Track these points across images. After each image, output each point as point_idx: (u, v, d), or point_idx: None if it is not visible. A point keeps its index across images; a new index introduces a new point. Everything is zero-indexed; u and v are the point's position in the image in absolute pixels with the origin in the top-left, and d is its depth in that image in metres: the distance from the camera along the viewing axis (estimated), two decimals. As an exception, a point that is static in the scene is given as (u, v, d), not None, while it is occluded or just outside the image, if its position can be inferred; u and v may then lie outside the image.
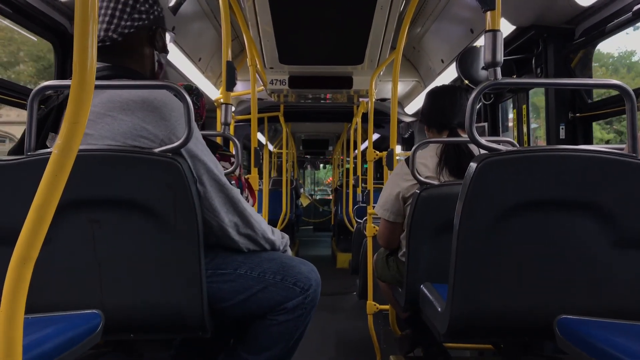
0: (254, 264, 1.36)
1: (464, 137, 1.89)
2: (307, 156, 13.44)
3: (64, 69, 2.34)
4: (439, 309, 1.35)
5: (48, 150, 1.20)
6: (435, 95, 2.04)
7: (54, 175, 0.71)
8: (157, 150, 1.17)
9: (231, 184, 1.33)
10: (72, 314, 1.07)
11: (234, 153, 1.83)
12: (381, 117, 5.21)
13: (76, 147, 0.72)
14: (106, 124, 1.20)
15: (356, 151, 6.02)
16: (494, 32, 1.20)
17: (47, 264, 1.09)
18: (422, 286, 1.60)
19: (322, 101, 4.57)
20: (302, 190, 12.25)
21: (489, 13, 1.21)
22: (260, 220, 1.39)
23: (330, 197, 12.65)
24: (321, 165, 15.57)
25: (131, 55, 1.37)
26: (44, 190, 0.71)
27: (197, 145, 1.26)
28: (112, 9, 1.32)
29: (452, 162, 1.86)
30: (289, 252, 1.47)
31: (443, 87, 2.09)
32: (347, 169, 7.04)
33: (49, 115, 1.28)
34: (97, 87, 1.13)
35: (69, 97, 0.71)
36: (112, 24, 1.32)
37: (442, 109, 1.98)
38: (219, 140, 2.71)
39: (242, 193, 1.35)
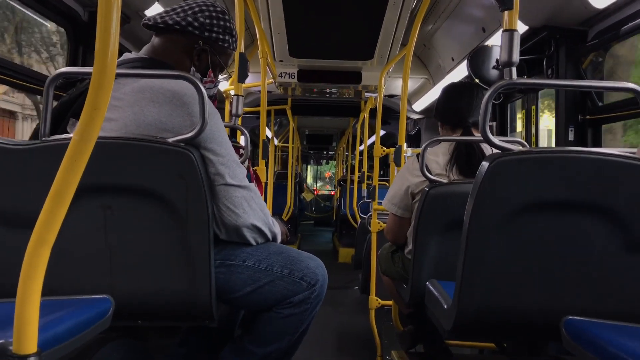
0: (262, 256, 1.36)
1: (477, 136, 1.88)
2: (311, 151, 13.43)
3: (76, 55, 2.35)
4: (445, 306, 1.35)
5: (62, 136, 1.21)
6: (453, 92, 2.01)
7: (73, 160, 0.72)
8: (170, 140, 1.17)
9: None
10: (83, 298, 1.08)
11: (242, 144, 1.83)
12: (388, 114, 5.20)
13: (96, 133, 0.73)
14: (133, 112, 1.21)
15: (362, 147, 6.01)
16: (511, 31, 1.19)
17: (59, 247, 1.10)
18: (427, 283, 1.60)
19: (332, 95, 4.56)
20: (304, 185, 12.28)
21: (506, 12, 1.21)
22: (268, 214, 1.40)
23: (333, 192, 12.66)
24: (324, 161, 15.56)
25: (169, 54, 1.39)
26: (63, 174, 0.71)
27: (222, 144, 1.27)
28: (180, 6, 1.40)
29: (463, 160, 1.85)
30: (279, 239, 1.48)
31: (461, 85, 2.07)
32: (352, 165, 7.05)
33: (75, 100, 1.28)
34: (117, 75, 1.14)
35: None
36: (169, 13, 1.38)
37: (458, 107, 1.95)
38: (227, 131, 2.71)
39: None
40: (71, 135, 0.85)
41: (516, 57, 1.19)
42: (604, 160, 1.14)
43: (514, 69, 1.19)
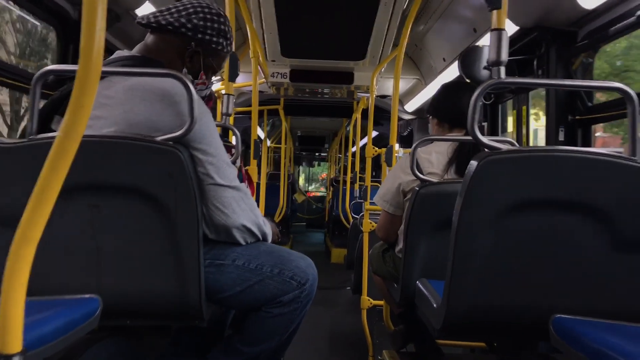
0: (252, 256, 1.36)
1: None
2: (303, 153, 13.43)
3: (65, 53, 2.33)
4: (435, 305, 1.36)
5: (49, 134, 1.20)
6: (454, 91, 2.00)
7: (58, 158, 0.71)
8: (159, 138, 1.17)
9: None
10: (70, 298, 1.07)
11: (234, 144, 1.83)
12: (380, 114, 5.21)
13: (81, 130, 0.72)
14: (124, 111, 1.20)
15: (354, 148, 6.03)
16: (499, 31, 1.20)
17: (46, 247, 1.09)
18: (417, 282, 1.61)
19: (324, 96, 4.56)
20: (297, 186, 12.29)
21: (494, 12, 1.21)
22: (259, 214, 1.39)
23: (325, 194, 12.66)
24: (316, 163, 15.54)
25: (161, 53, 1.37)
26: (48, 172, 0.71)
27: (212, 143, 1.26)
28: (175, 6, 1.39)
29: (464, 159, 1.83)
30: (269, 239, 1.47)
31: (462, 84, 2.06)
32: (345, 166, 7.05)
33: (65, 98, 1.27)
34: (103, 72, 1.13)
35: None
36: (163, 13, 1.37)
37: (461, 107, 1.90)
38: (218, 130, 2.70)
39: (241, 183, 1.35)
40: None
41: (504, 56, 1.19)
42: (591, 160, 1.14)
43: (502, 68, 1.20)
